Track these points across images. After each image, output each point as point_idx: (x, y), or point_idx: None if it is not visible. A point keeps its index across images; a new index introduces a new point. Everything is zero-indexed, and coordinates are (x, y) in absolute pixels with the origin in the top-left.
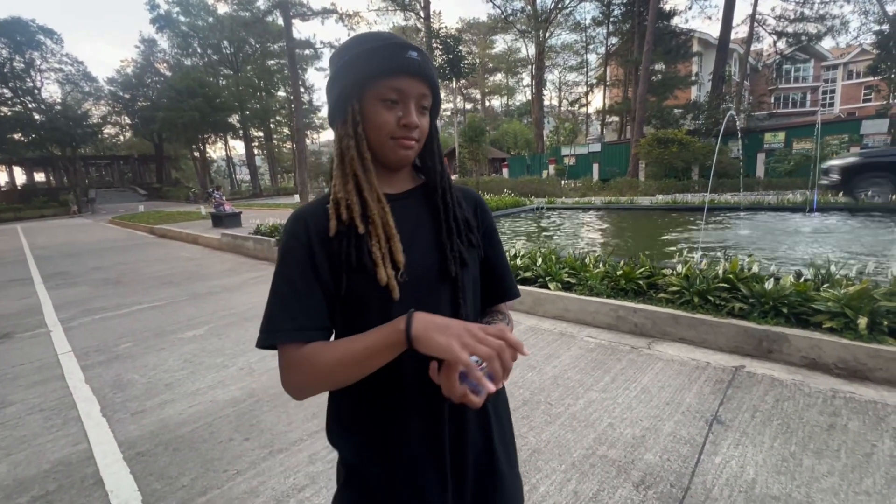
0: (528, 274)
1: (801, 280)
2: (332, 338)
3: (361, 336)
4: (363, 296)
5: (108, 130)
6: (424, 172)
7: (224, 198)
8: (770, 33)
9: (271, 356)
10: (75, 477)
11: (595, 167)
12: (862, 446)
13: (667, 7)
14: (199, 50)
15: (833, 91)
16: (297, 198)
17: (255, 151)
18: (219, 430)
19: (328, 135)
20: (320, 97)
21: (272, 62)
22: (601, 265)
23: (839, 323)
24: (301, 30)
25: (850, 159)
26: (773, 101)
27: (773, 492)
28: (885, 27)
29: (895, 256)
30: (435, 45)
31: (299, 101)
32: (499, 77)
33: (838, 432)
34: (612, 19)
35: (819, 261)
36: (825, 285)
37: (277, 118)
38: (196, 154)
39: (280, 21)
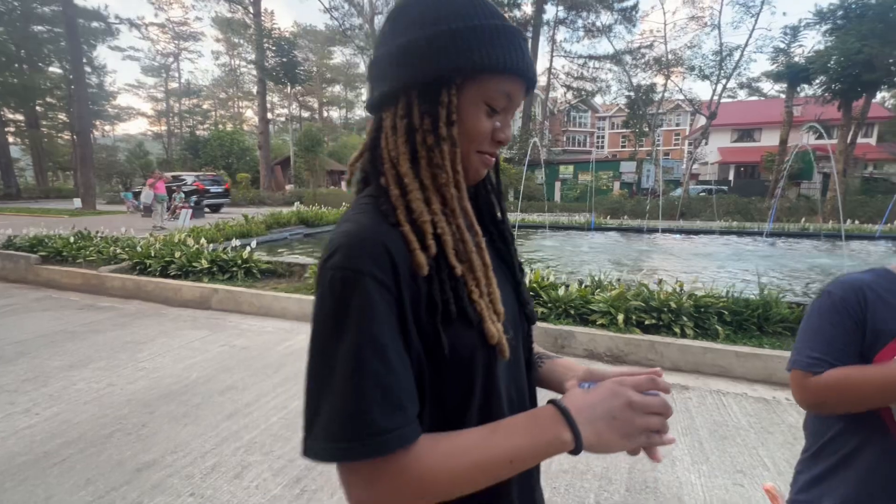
0: None
1: (583, 286)
2: None
3: (491, 435)
4: (466, 358)
5: None
6: (475, 188)
7: None
8: (561, 85)
9: (23, 412)
10: None
11: None
12: None
13: None
14: None
15: (603, 137)
16: (77, 202)
17: (11, 139)
18: None
19: (127, 127)
20: (115, 80)
21: (41, 28)
22: None
23: (607, 319)
24: None
25: None
26: (565, 139)
27: (564, 467)
28: (632, 93)
29: (642, 263)
30: (266, 46)
31: (83, 83)
32: (338, 88)
33: None
34: None
35: (595, 270)
36: (598, 290)
37: (49, 100)
38: None
39: None
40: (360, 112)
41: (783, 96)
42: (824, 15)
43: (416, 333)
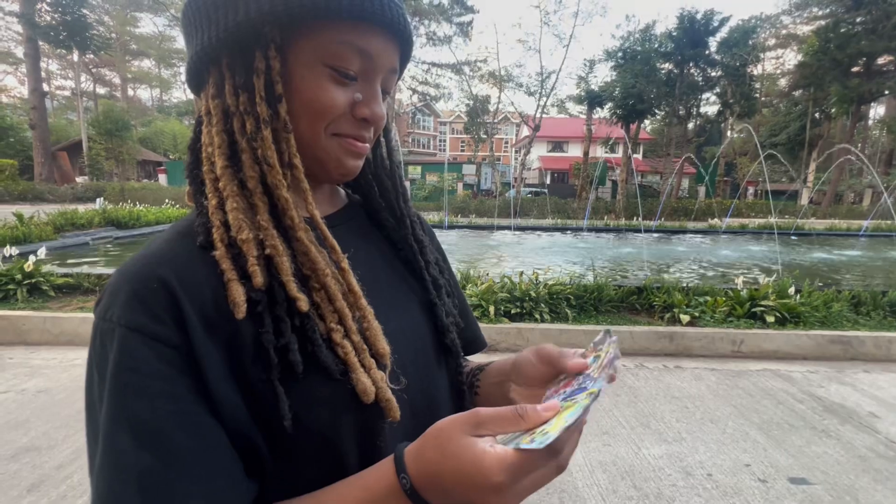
0: None
1: None
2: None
3: (324, 496)
4: (325, 423)
5: None
6: (360, 186)
7: None
8: (407, 88)
9: None
10: None
11: None
12: None
13: None
14: None
15: (445, 141)
16: None
17: None
18: None
19: None
20: None
21: None
22: None
23: (479, 312)
24: None
25: None
26: (410, 141)
27: None
28: (471, 102)
29: (482, 259)
30: None
31: None
32: (148, 64)
33: None
34: None
35: (461, 265)
36: (469, 284)
37: None
38: None
39: None
40: (178, 94)
41: (584, 116)
42: (610, 54)
43: (232, 397)
